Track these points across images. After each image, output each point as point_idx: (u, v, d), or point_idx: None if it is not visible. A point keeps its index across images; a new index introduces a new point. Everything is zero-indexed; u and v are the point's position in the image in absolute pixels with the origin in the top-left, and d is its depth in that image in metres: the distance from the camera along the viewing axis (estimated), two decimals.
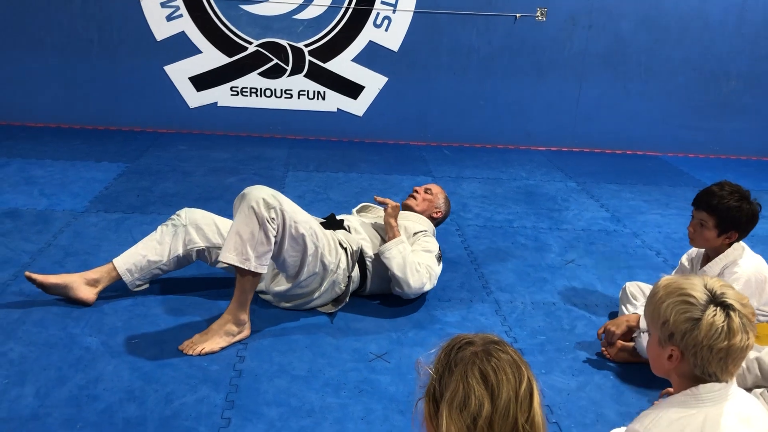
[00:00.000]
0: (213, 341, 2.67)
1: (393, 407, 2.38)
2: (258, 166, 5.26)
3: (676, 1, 6.12)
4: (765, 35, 6.27)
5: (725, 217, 2.61)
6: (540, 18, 6.09)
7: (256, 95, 6.15)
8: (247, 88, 6.12)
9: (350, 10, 5.96)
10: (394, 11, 5.99)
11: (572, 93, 6.35)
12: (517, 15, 6.06)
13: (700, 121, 6.52)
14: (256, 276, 2.69)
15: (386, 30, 6.04)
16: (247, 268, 2.63)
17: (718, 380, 1.50)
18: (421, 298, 3.19)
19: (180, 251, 3.00)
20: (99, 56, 5.95)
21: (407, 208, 3.45)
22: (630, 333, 2.72)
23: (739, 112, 6.52)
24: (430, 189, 3.53)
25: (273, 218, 2.65)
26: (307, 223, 2.81)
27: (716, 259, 2.69)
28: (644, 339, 2.59)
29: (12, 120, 6.05)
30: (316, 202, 4.54)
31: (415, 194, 3.50)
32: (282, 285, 2.95)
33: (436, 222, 3.49)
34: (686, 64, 6.33)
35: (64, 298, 2.91)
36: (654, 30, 6.19)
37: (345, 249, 3.00)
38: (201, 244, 3.01)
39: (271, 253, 2.70)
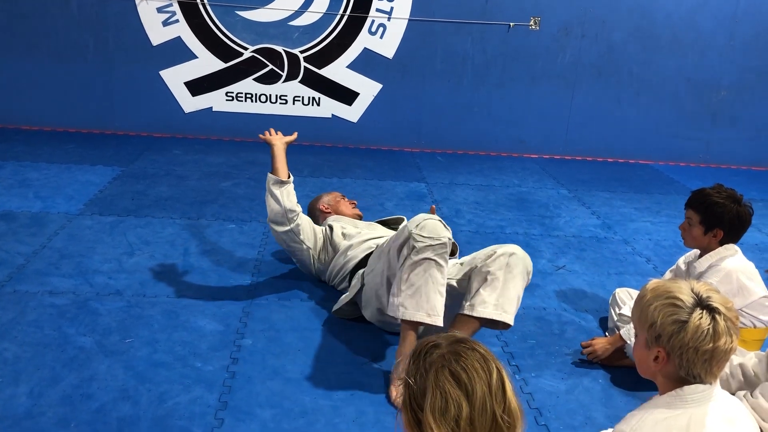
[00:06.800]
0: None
1: (384, 410, 2.41)
2: (252, 171, 5.28)
3: (668, 12, 6.19)
4: (755, 46, 6.35)
5: (708, 214, 2.67)
6: (533, 27, 6.15)
7: (251, 101, 6.18)
8: (242, 93, 6.16)
9: (345, 17, 6.00)
10: (389, 19, 6.03)
11: (565, 102, 6.41)
12: (511, 24, 6.12)
13: (691, 130, 6.59)
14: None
15: (381, 37, 6.08)
16: (506, 323, 2.65)
17: (702, 382, 1.53)
18: None
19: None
20: (95, 60, 5.98)
21: (360, 218, 3.65)
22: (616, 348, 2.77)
23: (729, 121, 6.59)
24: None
25: None
26: None
27: (707, 255, 2.74)
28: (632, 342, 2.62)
29: (7, 123, 6.06)
30: None
31: (354, 203, 3.74)
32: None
33: None
34: (678, 74, 6.40)
35: None
36: (646, 40, 6.26)
37: None
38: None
39: None
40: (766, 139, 6.66)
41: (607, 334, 3.02)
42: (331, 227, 3.31)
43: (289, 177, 3.11)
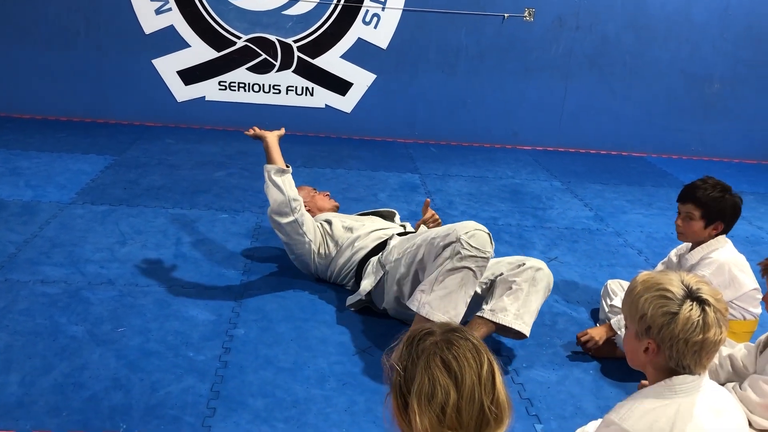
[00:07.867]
0: None
1: (376, 399, 2.42)
2: (245, 161, 5.27)
3: (662, 4, 6.19)
4: (748, 39, 6.36)
5: (711, 208, 2.70)
6: (528, 18, 6.14)
7: (245, 90, 6.16)
8: (235, 82, 6.13)
9: (339, 7, 5.98)
10: (383, 9, 6.01)
11: (558, 93, 6.41)
12: (506, 15, 6.11)
13: (684, 122, 6.61)
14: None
15: (375, 27, 6.06)
16: (523, 333, 2.68)
17: (691, 372, 1.54)
18: None
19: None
20: (87, 48, 5.94)
21: (337, 209, 3.67)
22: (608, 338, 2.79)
23: (721, 114, 6.61)
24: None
25: None
26: None
27: (699, 248, 2.77)
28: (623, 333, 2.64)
29: None
30: None
31: (327, 194, 3.73)
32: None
33: None
34: (671, 66, 6.40)
35: None
36: (640, 32, 6.26)
37: None
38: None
39: None
40: (758, 131, 6.69)
41: (598, 325, 3.03)
42: (329, 221, 3.30)
43: (288, 166, 3.11)
